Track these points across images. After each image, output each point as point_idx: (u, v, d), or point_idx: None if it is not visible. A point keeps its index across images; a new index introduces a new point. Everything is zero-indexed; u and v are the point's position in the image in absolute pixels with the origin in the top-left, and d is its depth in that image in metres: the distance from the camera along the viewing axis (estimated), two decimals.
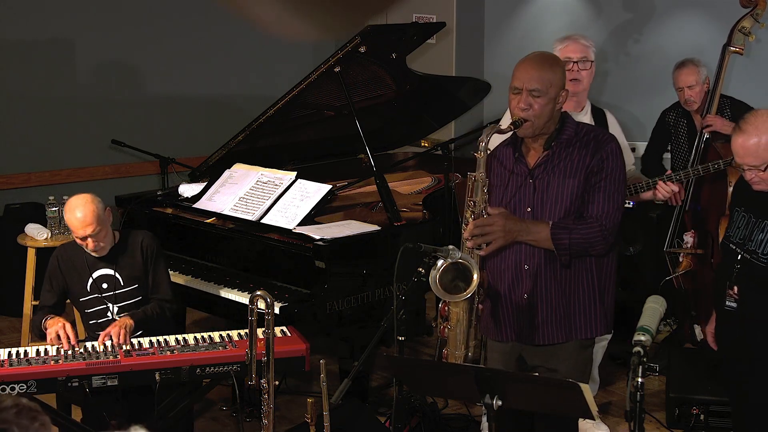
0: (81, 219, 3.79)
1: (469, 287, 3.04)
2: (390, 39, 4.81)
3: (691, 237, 5.03)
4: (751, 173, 3.20)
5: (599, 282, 3.23)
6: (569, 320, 3.22)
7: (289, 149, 5.32)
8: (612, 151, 3.17)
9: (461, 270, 3.05)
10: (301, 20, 7.41)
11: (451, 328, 3.21)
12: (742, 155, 3.18)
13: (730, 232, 3.40)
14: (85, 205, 3.81)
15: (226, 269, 4.51)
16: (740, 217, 3.36)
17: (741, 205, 3.38)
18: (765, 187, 3.24)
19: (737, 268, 3.32)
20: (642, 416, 2.52)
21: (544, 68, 3.14)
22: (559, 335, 3.22)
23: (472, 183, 3.15)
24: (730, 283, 3.35)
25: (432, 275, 3.01)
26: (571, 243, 3.10)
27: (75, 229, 3.83)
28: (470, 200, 3.16)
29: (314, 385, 4.68)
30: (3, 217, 6.18)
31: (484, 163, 3.13)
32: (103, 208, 3.87)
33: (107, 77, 6.59)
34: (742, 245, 3.32)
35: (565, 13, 6.87)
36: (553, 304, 3.21)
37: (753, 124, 3.16)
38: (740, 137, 3.17)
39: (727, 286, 3.36)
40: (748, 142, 3.15)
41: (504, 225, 3.10)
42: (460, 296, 3.07)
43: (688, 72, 5.03)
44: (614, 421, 4.52)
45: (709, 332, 3.67)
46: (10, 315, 5.98)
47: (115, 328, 3.72)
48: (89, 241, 3.83)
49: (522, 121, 3.12)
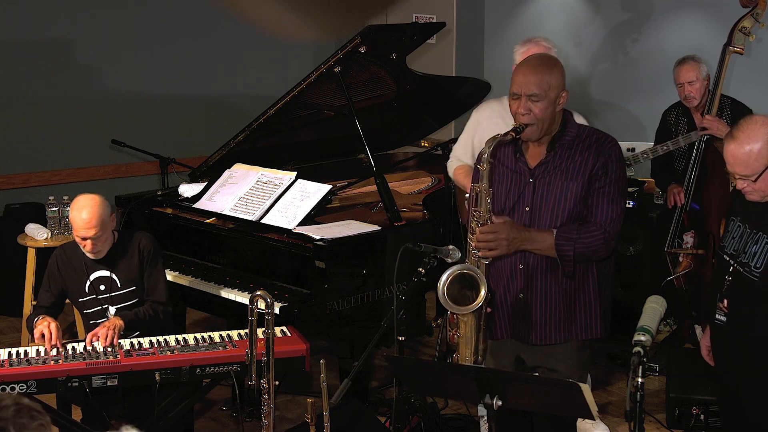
0: (86, 220, 3.79)
1: (477, 297, 3.05)
2: (390, 39, 4.82)
3: (691, 237, 5.03)
4: (743, 183, 3.05)
5: (600, 283, 3.23)
6: (570, 321, 3.21)
7: (289, 149, 5.32)
8: (616, 155, 3.16)
9: (467, 279, 3.06)
10: (301, 20, 7.42)
11: (460, 335, 3.21)
12: (732, 164, 3.03)
13: (725, 241, 3.25)
14: (93, 208, 3.80)
15: (226, 269, 4.51)
16: (735, 226, 3.21)
17: (737, 215, 3.22)
18: (757, 197, 3.08)
19: (728, 281, 3.18)
20: (642, 416, 2.52)
21: (541, 72, 3.13)
22: (557, 336, 3.22)
23: (475, 194, 3.15)
24: (721, 296, 3.21)
25: (440, 290, 3.02)
26: (576, 253, 3.10)
27: (77, 228, 3.83)
28: (475, 210, 3.15)
29: (314, 385, 4.68)
30: (3, 217, 6.19)
31: (487, 174, 3.13)
32: (109, 213, 3.86)
33: (107, 77, 6.59)
34: (735, 257, 3.17)
35: (564, 12, 6.87)
36: (553, 304, 3.20)
37: (745, 131, 3.00)
38: (732, 144, 3.02)
39: (717, 298, 3.22)
40: (740, 150, 2.99)
41: (508, 234, 3.10)
42: (469, 308, 3.07)
43: (688, 68, 5.03)
44: (614, 421, 4.52)
45: (704, 345, 3.48)
46: (10, 315, 5.98)
47: (104, 329, 3.71)
48: (88, 242, 3.83)
49: (523, 126, 3.12)
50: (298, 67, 6.46)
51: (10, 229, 5.74)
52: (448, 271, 3.04)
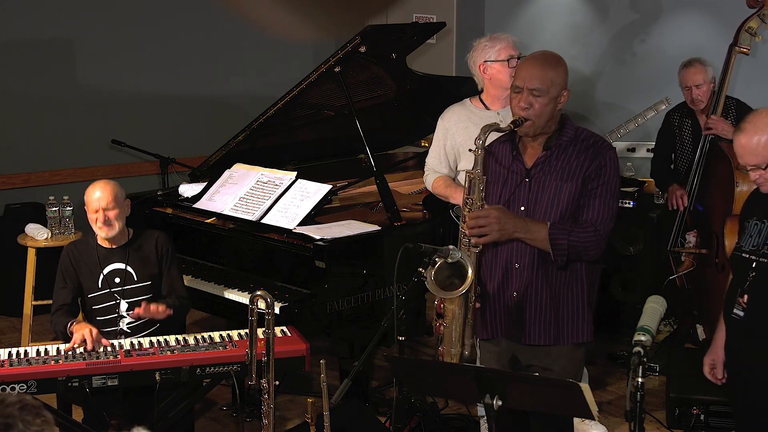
0: (100, 193, 3.86)
1: (464, 284, 3.05)
2: (390, 39, 4.82)
3: (693, 237, 5.03)
4: (755, 173, 3.14)
5: (588, 288, 3.24)
6: (558, 324, 3.22)
7: (289, 149, 5.32)
8: (611, 158, 3.17)
9: (457, 268, 3.06)
10: (301, 20, 7.42)
11: (446, 325, 3.21)
12: (742, 155, 3.14)
13: (742, 242, 3.29)
14: (107, 184, 3.92)
15: (227, 269, 4.51)
16: (752, 225, 3.26)
17: (753, 215, 3.28)
18: None
19: (752, 276, 3.20)
20: (642, 416, 2.52)
21: (546, 68, 3.14)
22: (546, 337, 3.22)
23: (469, 181, 3.16)
24: (741, 292, 3.23)
25: (428, 272, 3.02)
26: (569, 245, 3.10)
27: (91, 201, 3.87)
28: (468, 198, 3.16)
29: (314, 385, 4.68)
30: (3, 217, 6.19)
31: (481, 160, 3.14)
32: (123, 195, 3.94)
33: (107, 77, 6.59)
34: (756, 252, 3.21)
35: (564, 12, 6.87)
36: (542, 306, 3.21)
37: (753, 122, 3.12)
38: (741, 137, 3.13)
39: (738, 294, 3.23)
40: (750, 141, 3.10)
41: (498, 218, 3.10)
42: (455, 293, 3.07)
43: (695, 71, 5.03)
44: (614, 421, 4.52)
45: (707, 362, 3.43)
46: (10, 315, 5.98)
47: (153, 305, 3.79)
48: (101, 214, 3.85)
49: (522, 120, 3.12)
50: (298, 67, 6.46)
51: (10, 229, 5.74)
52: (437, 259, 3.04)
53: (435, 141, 4.31)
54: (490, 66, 4.15)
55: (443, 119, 4.28)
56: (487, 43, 4.18)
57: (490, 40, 4.19)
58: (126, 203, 3.96)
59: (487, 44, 4.18)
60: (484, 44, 4.18)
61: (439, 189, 4.28)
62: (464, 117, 4.20)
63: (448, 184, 4.23)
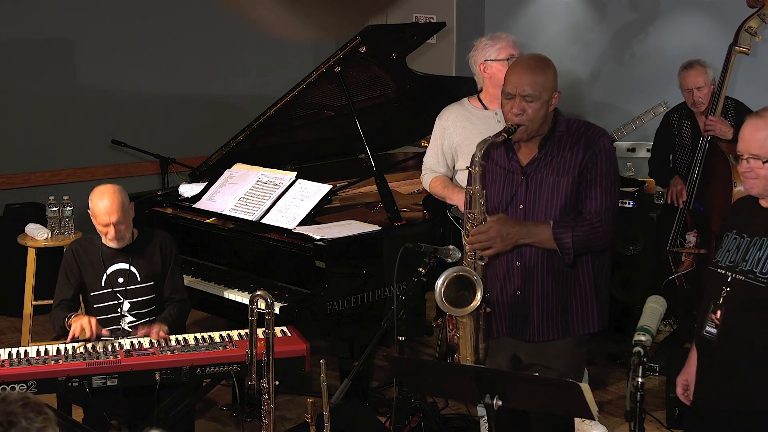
0: (107, 206, 3.85)
1: (474, 299, 3.06)
2: (390, 39, 4.82)
3: (693, 237, 5.03)
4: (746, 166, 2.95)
5: (596, 278, 3.24)
6: (566, 316, 3.23)
7: (289, 149, 5.32)
8: (604, 145, 3.18)
9: (464, 280, 3.07)
10: (301, 20, 7.41)
11: (460, 336, 3.22)
12: (747, 140, 2.94)
13: (718, 257, 3.11)
14: (113, 194, 3.88)
15: (227, 269, 4.51)
16: (731, 239, 3.09)
17: (733, 228, 3.11)
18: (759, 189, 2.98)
19: (726, 291, 3.01)
20: (642, 416, 2.52)
21: (536, 72, 3.15)
22: (555, 332, 3.23)
23: (469, 197, 3.17)
24: (714, 308, 3.03)
25: (437, 292, 3.03)
26: (574, 241, 3.11)
27: (99, 215, 3.87)
28: (469, 213, 3.17)
29: (314, 385, 4.68)
30: (3, 217, 6.19)
31: (479, 177, 3.15)
32: (128, 201, 3.93)
33: (107, 77, 6.59)
34: (732, 268, 3.02)
35: (564, 12, 6.87)
36: (549, 300, 3.22)
37: None
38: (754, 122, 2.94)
39: (710, 310, 3.04)
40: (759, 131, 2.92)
41: (499, 230, 3.11)
42: (466, 310, 3.09)
43: (696, 73, 5.02)
44: (614, 422, 4.52)
45: (680, 383, 3.24)
46: (10, 315, 5.98)
47: (155, 328, 3.77)
48: (111, 228, 3.86)
49: (515, 127, 3.13)
50: (298, 67, 6.45)
51: (10, 229, 5.74)
52: (443, 275, 3.06)
53: (432, 140, 4.32)
54: (490, 65, 4.15)
55: (441, 119, 4.29)
56: (488, 42, 4.19)
57: (490, 39, 4.20)
58: (131, 206, 3.96)
59: (487, 43, 4.19)
60: (485, 43, 4.19)
61: (437, 189, 4.28)
62: (462, 116, 4.20)
63: (446, 184, 4.24)
